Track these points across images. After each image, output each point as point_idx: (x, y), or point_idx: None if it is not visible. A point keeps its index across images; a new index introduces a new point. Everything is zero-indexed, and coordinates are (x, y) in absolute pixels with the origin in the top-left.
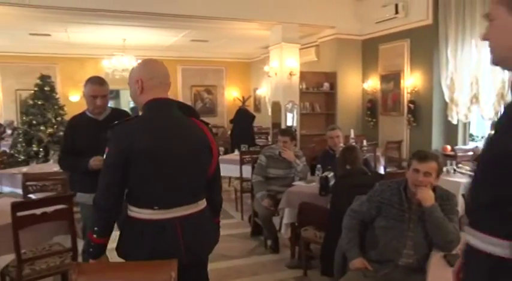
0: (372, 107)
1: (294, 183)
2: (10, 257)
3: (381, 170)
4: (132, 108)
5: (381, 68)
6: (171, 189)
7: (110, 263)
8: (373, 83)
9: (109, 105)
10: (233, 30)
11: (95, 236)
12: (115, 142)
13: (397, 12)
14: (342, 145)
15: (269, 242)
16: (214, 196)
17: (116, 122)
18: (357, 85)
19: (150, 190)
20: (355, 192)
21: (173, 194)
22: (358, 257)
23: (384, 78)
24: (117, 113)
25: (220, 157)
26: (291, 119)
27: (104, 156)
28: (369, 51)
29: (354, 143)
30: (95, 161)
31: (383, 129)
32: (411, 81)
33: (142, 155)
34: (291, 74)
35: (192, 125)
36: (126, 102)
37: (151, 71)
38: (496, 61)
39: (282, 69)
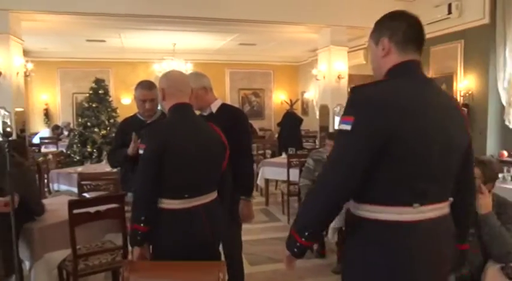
0: None
1: None
2: (66, 252)
3: None
4: None
5: (432, 71)
6: (197, 180)
7: (160, 262)
8: None
9: (159, 107)
10: (281, 33)
11: (142, 225)
12: (151, 140)
13: (450, 13)
14: None
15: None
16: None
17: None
18: None
19: (181, 181)
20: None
21: (199, 185)
22: None
23: (436, 81)
24: (165, 116)
25: (267, 160)
26: (338, 123)
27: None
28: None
29: None
30: (133, 149)
31: None
32: (465, 84)
33: (174, 151)
34: (339, 77)
35: (208, 126)
36: None
37: (170, 81)
38: (374, 75)
39: (330, 73)
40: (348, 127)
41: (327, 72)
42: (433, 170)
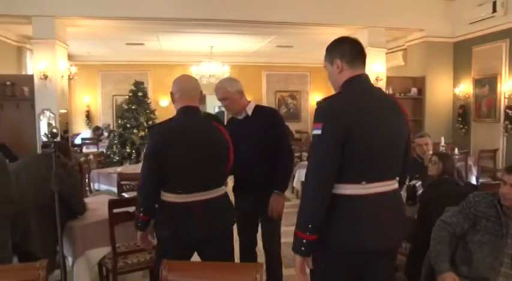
0: (463, 113)
1: None
2: (106, 250)
3: (473, 181)
4: (218, 113)
5: (474, 72)
6: (190, 178)
7: (197, 262)
8: (465, 88)
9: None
10: (318, 35)
11: (141, 214)
12: (151, 139)
13: (494, 11)
14: (430, 152)
15: None
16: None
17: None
18: (447, 90)
19: (175, 178)
20: (446, 203)
21: (193, 183)
22: (449, 272)
23: (478, 83)
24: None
25: (303, 163)
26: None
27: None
28: (461, 54)
29: (444, 151)
30: None
31: (476, 137)
32: (510, 85)
33: (170, 150)
34: (377, 79)
35: (212, 127)
36: (212, 107)
37: (177, 85)
38: (333, 88)
39: (368, 74)
40: (319, 132)
41: None
42: (378, 156)
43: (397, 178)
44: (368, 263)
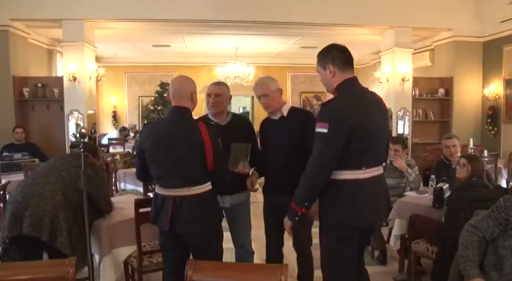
0: (493, 115)
1: (405, 193)
2: (132, 249)
3: (503, 184)
4: (242, 113)
5: (505, 72)
6: (162, 173)
7: (223, 262)
8: (495, 88)
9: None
10: (343, 36)
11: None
12: (139, 138)
13: None
14: (458, 155)
15: (376, 253)
16: (214, 178)
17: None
18: (476, 91)
19: (153, 172)
20: (475, 206)
21: (164, 178)
22: (479, 278)
23: (509, 83)
24: (238, 119)
25: None
26: (402, 127)
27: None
28: (491, 53)
29: (473, 153)
30: None
31: (506, 138)
32: None
33: (149, 146)
34: (403, 80)
35: (191, 127)
36: (237, 108)
37: (170, 87)
38: (328, 92)
39: (394, 75)
40: (325, 130)
41: (390, 75)
42: (373, 146)
43: (384, 164)
44: (366, 237)
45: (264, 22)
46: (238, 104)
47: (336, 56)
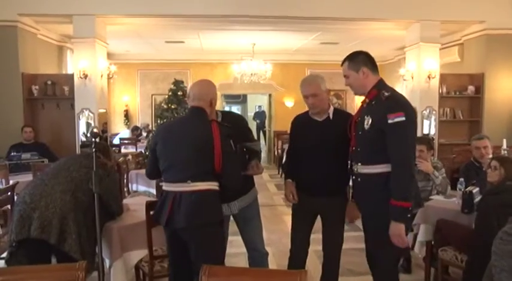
0: None
1: (431, 197)
2: (143, 253)
3: None
4: (257, 113)
5: None
6: (168, 169)
7: (238, 267)
8: None
9: (232, 109)
10: (366, 31)
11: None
12: (155, 132)
13: None
14: (489, 156)
15: (400, 261)
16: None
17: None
18: (509, 87)
19: (162, 164)
20: (508, 212)
21: (172, 171)
22: None
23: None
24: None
25: None
26: (428, 127)
27: None
28: None
29: (506, 155)
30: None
31: None
32: None
33: (160, 143)
34: (429, 77)
35: (203, 125)
36: (253, 107)
37: (189, 91)
38: (356, 93)
39: (420, 72)
40: (403, 118)
41: (415, 72)
42: None
43: None
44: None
45: (282, 17)
46: (255, 103)
47: (366, 59)
